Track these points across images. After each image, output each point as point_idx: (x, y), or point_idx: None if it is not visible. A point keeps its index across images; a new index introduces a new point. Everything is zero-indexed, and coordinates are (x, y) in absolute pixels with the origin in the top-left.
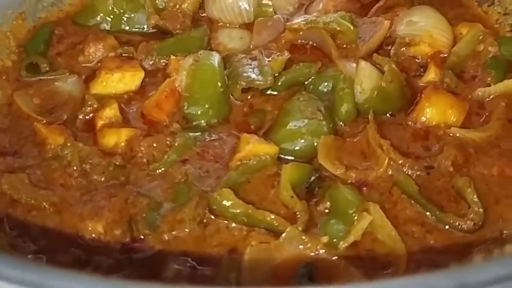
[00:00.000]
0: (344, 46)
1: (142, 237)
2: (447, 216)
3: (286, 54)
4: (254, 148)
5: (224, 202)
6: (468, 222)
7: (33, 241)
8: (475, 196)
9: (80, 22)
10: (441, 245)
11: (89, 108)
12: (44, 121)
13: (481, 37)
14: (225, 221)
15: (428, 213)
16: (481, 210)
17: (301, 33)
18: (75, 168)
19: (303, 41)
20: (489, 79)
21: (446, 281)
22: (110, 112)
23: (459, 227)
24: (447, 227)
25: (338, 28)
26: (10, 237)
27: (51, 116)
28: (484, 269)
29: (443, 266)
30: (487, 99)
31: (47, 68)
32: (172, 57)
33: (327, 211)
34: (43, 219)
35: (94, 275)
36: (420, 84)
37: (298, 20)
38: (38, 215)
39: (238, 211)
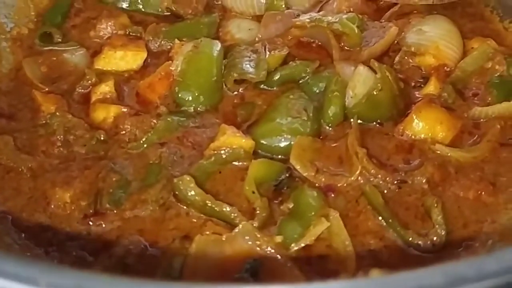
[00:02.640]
0: (348, 48)
1: (105, 211)
2: (408, 233)
3: (285, 50)
4: (228, 139)
5: (183, 189)
6: (428, 242)
7: (4, 201)
8: (440, 217)
9: None
10: (394, 262)
11: (87, 82)
12: (45, 90)
13: (491, 54)
14: (186, 207)
15: (389, 227)
16: (443, 232)
17: (306, 30)
18: (58, 137)
19: (309, 39)
20: (489, 99)
21: None
22: (105, 88)
23: (418, 245)
24: (406, 244)
25: (341, 29)
26: None
27: (53, 86)
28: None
29: None
30: (483, 119)
31: (60, 39)
32: (177, 41)
33: (288, 211)
34: (19, 182)
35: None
36: (417, 96)
37: (304, 18)
38: (15, 177)
39: (197, 199)
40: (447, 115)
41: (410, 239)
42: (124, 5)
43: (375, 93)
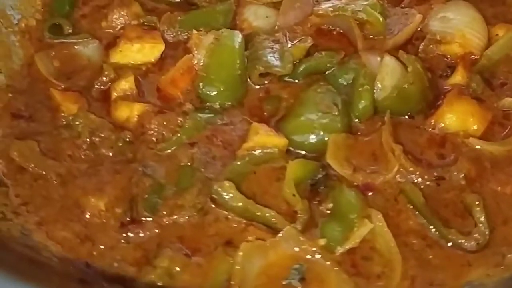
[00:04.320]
0: (371, 37)
1: (142, 218)
2: (450, 232)
3: (309, 41)
4: (262, 139)
5: (224, 195)
6: (472, 242)
7: (36, 211)
8: (483, 216)
9: None
10: (439, 262)
11: (105, 78)
12: (61, 87)
13: None
14: (225, 212)
15: (431, 227)
16: (487, 231)
17: (327, 18)
18: (84, 140)
19: (330, 26)
20: None
21: None
22: (126, 84)
23: (461, 245)
24: (449, 244)
25: (366, 18)
26: (14, 205)
27: (69, 81)
28: None
29: (437, 284)
30: None
31: (70, 31)
32: (194, 31)
33: (328, 212)
34: (48, 190)
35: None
36: (445, 86)
37: (326, 6)
38: (44, 185)
39: (238, 204)
40: (477, 107)
41: (454, 238)
42: None
43: (406, 86)
